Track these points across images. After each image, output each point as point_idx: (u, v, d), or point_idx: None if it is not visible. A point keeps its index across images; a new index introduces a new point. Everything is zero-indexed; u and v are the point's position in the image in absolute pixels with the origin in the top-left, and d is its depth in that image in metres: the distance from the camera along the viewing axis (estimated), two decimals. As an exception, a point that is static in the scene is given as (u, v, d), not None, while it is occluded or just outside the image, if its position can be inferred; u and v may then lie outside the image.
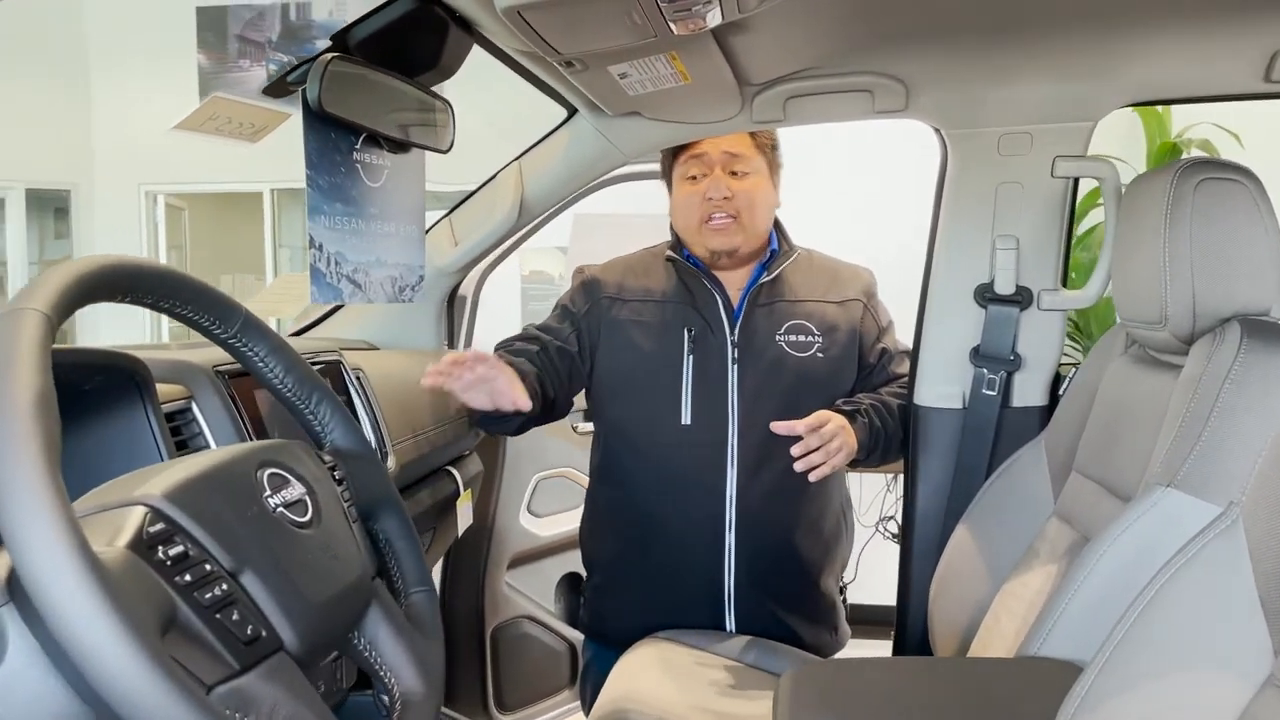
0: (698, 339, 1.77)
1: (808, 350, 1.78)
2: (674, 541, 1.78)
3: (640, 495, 1.81)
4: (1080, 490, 1.47)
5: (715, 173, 1.78)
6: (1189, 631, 0.88)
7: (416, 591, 0.94)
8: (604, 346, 1.83)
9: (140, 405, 0.98)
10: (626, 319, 1.82)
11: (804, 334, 1.79)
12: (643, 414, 1.79)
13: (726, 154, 1.78)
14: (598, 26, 1.17)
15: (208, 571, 0.68)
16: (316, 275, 1.16)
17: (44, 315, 0.66)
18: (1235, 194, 1.23)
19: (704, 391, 1.76)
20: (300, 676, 0.71)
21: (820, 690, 1.17)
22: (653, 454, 1.79)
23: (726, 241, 1.77)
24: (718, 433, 1.75)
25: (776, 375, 1.76)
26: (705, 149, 1.79)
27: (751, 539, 1.76)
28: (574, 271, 1.94)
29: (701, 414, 1.76)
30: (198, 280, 0.84)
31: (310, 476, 0.83)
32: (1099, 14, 1.52)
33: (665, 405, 1.77)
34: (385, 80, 1.22)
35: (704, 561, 1.77)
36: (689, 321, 1.78)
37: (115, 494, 0.70)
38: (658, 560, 1.80)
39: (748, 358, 1.77)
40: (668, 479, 1.78)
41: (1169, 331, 1.25)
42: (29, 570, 0.57)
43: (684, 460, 1.77)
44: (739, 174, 1.78)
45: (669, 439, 1.77)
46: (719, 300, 1.79)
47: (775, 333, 1.78)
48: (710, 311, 1.79)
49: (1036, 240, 1.75)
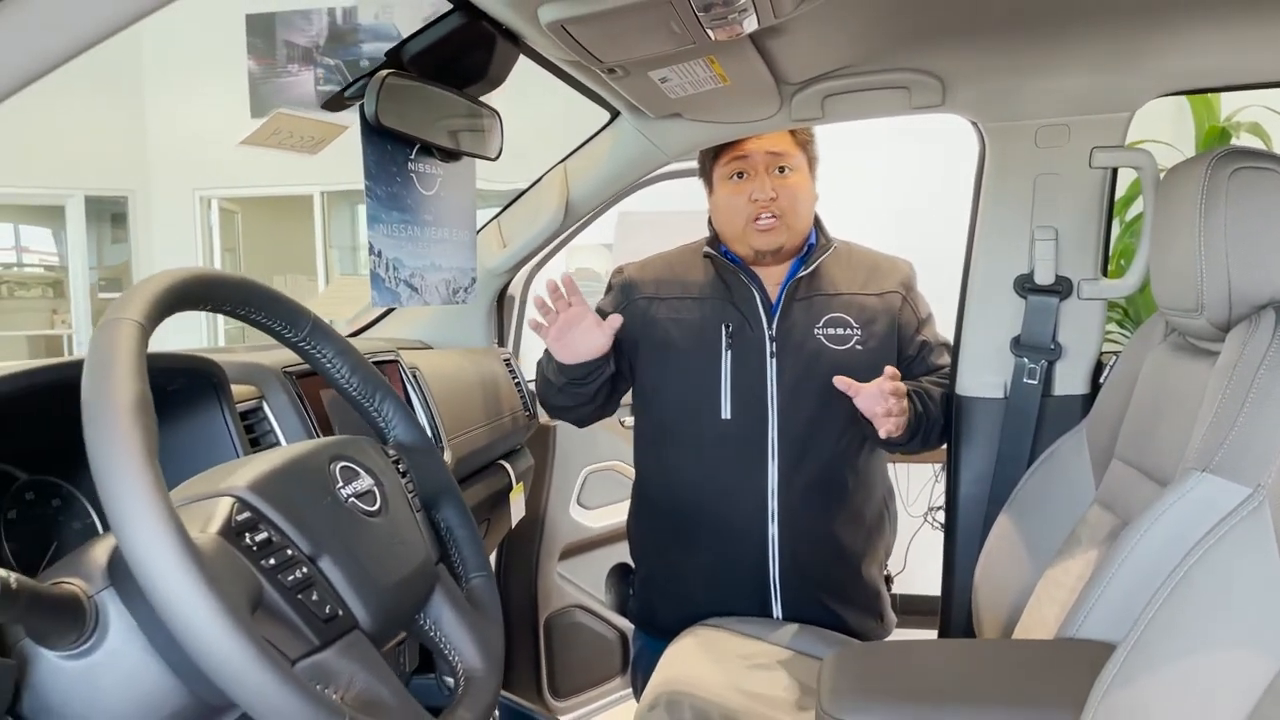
0: (735, 334, 1.80)
1: (846, 343, 1.81)
2: (719, 533, 1.82)
3: (684, 489, 1.85)
4: (1121, 477, 1.49)
5: (759, 173, 1.80)
6: (1217, 609, 0.91)
7: (476, 576, 1.00)
8: (644, 345, 1.86)
9: (218, 405, 1.05)
10: (665, 317, 1.85)
11: (842, 326, 1.81)
12: (684, 409, 1.83)
13: (770, 154, 1.80)
14: (638, 36, 1.22)
15: (289, 556, 0.74)
16: (376, 280, 1.22)
17: (139, 324, 0.72)
18: (1270, 182, 1.24)
19: (743, 386, 1.79)
20: (374, 652, 0.77)
21: (861, 671, 1.21)
22: (695, 448, 1.82)
23: (772, 241, 1.80)
24: (758, 426, 1.79)
25: (815, 368, 1.78)
26: (748, 149, 1.81)
27: (795, 529, 1.80)
28: (612, 273, 1.98)
29: (741, 408, 1.79)
30: (269, 288, 0.91)
31: (377, 469, 0.89)
32: (1133, 4, 1.53)
33: (705, 400, 1.80)
34: (437, 93, 1.28)
35: (749, 551, 1.81)
36: (727, 317, 1.81)
37: (204, 486, 0.77)
38: (704, 551, 1.84)
39: (786, 351, 1.79)
40: (710, 472, 1.81)
41: (1205, 319, 1.27)
42: (135, 555, 0.63)
43: (725, 453, 1.80)
44: (783, 171, 1.80)
45: (710, 433, 1.80)
46: (756, 295, 1.82)
47: (814, 326, 1.81)
48: (748, 306, 1.82)
49: (1075, 230, 1.77)
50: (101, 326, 0.72)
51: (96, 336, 0.71)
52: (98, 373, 0.68)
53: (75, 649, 0.73)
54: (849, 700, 1.13)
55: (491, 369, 1.98)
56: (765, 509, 1.80)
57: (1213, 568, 0.92)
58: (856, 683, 1.17)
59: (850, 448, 1.82)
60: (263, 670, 0.64)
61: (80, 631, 0.72)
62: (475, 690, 0.88)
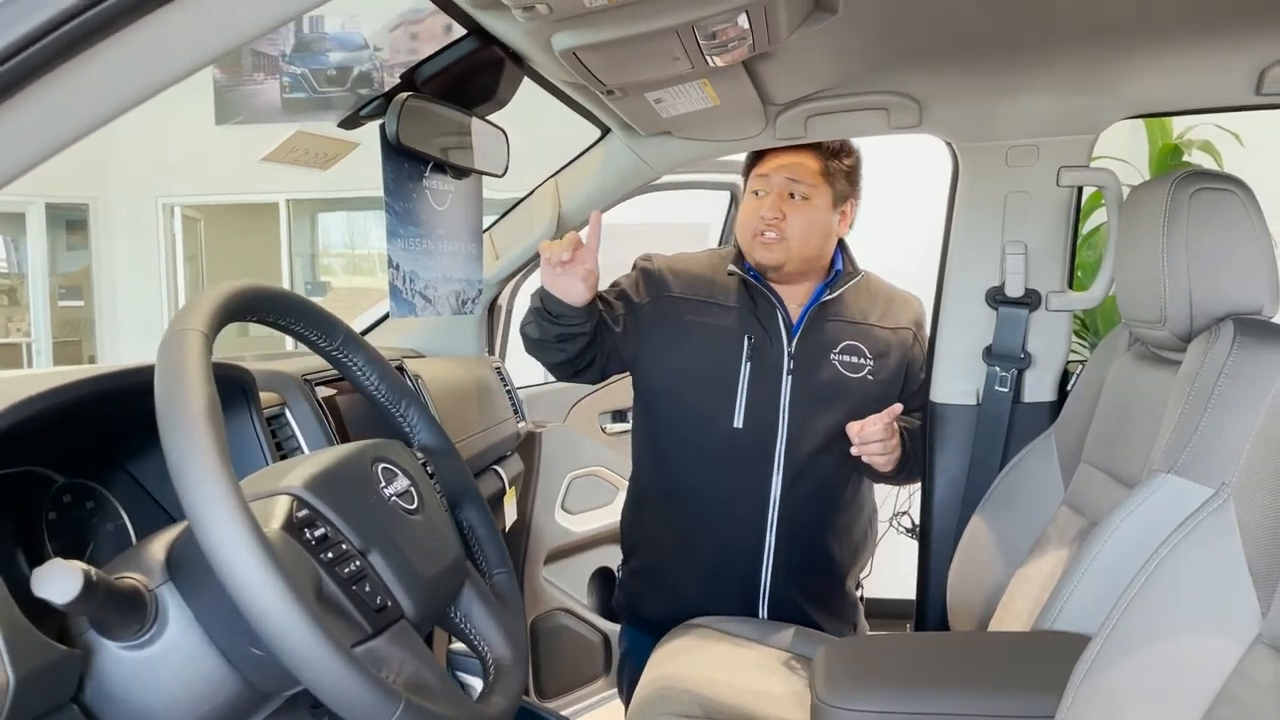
0: (756, 347, 1.85)
1: (859, 371, 1.87)
2: (717, 533, 1.88)
3: (687, 490, 1.90)
4: (1088, 479, 1.57)
5: (773, 193, 1.85)
6: (1186, 598, 0.99)
7: (499, 572, 1.05)
8: (661, 342, 1.88)
9: (248, 412, 1.10)
10: (689, 320, 1.88)
11: (857, 355, 1.88)
12: (696, 413, 1.87)
13: (787, 178, 1.85)
14: (642, 62, 1.29)
15: (343, 550, 0.80)
16: (395, 292, 1.28)
17: (203, 334, 0.77)
18: (1228, 202, 1.34)
19: (758, 398, 1.84)
20: (419, 640, 0.83)
21: (854, 660, 1.28)
22: (703, 452, 1.87)
23: (769, 257, 1.85)
24: (767, 438, 1.85)
25: (827, 391, 1.85)
26: (770, 169, 1.87)
27: (790, 538, 1.87)
28: (641, 257, 1.99)
29: (753, 419, 1.84)
30: (307, 301, 0.96)
31: (412, 470, 0.95)
32: (1099, 34, 1.63)
33: (720, 406, 1.85)
34: (450, 113, 1.34)
35: (743, 554, 1.88)
36: (750, 330, 1.86)
37: (262, 485, 0.82)
38: (699, 551, 1.90)
39: (802, 371, 1.85)
40: (715, 475, 1.87)
41: (1168, 330, 1.36)
42: (215, 550, 0.68)
43: (732, 459, 1.86)
44: (795, 197, 1.85)
45: (720, 440, 1.85)
46: (779, 313, 1.87)
47: (831, 351, 1.87)
48: (770, 323, 1.87)
49: (1044, 245, 1.86)
50: (168, 337, 0.77)
51: (165, 346, 0.76)
52: (170, 381, 0.73)
53: (137, 640, 0.78)
54: (843, 688, 1.20)
55: (484, 376, 2.03)
56: (765, 516, 1.86)
57: (1181, 560, 1.00)
58: (850, 672, 1.24)
59: (850, 468, 1.89)
60: (332, 654, 0.69)
61: (142, 623, 0.77)
62: (505, 678, 0.94)
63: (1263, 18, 1.54)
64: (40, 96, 0.69)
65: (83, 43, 0.67)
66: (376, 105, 1.26)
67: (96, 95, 0.71)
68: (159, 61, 0.72)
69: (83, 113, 0.72)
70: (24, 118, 0.70)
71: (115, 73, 0.71)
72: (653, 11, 1.13)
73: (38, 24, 0.65)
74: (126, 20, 0.68)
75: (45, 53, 0.65)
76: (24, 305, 8.94)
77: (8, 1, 0.64)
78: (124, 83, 0.71)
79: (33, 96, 0.69)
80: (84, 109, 0.72)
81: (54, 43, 0.65)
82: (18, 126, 0.70)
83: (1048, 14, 1.53)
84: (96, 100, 0.72)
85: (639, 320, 1.90)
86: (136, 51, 0.71)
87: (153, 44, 0.71)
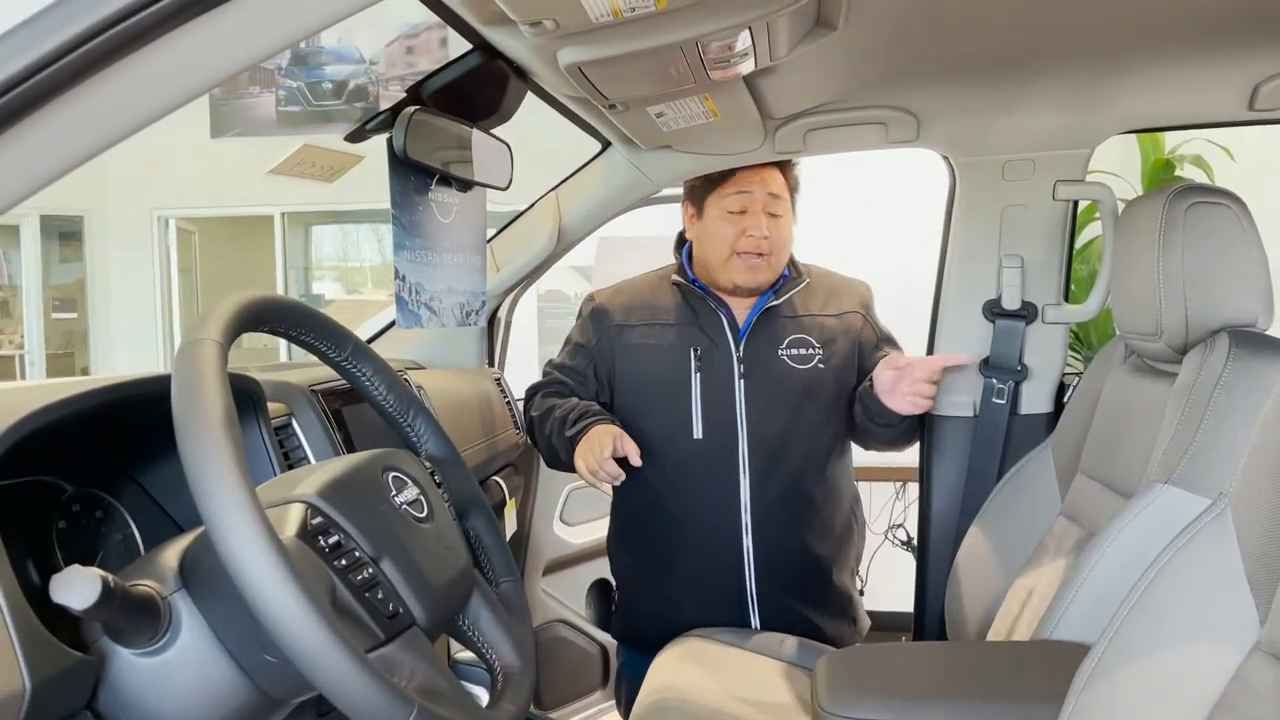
0: (704, 357, 1.87)
1: (808, 363, 1.89)
2: (696, 548, 1.89)
3: (661, 506, 1.91)
4: (1085, 490, 1.59)
5: (758, 211, 1.86)
6: (1186, 606, 1.00)
7: (505, 581, 1.06)
8: (619, 371, 1.93)
9: (256, 422, 1.11)
10: (636, 343, 1.92)
11: (805, 347, 1.89)
12: (657, 430, 1.89)
13: (770, 195, 1.86)
14: (646, 77, 1.31)
15: (356, 558, 0.81)
16: (401, 303, 1.29)
17: (219, 344, 0.78)
18: (1222, 217, 1.36)
19: (713, 406, 1.86)
20: (430, 647, 0.84)
21: (855, 669, 1.29)
22: (669, 467, 1.89)
23: (755, 279, 1.87)
24: (729, 444, 1.86)
25: (780, 387, 1.87)
26: (752, 185, 1.87)
27: (768, 540, 1.88)
28: (584, 300, 2.03)
29: (712, 427, 1.86)
30: (318, 312, 0.97)
31: (421, 479, 0.96)
32: (1095, 50, 1.65)
33: (678, 421, 1.87)
34: (455, 127, 1.36)
35: (726, 565, 1.88)
36: (695, 341, 1.88)
37: (276, 493, 0.83)
38: (683, 567, 1.91)
39: (753, 373, 1.87)
40: (685, 490, 1.88)
41: (1164, 342, 1.38)
42: (233, 556, 0.69)
43: (699, 471, 1.87)
44: (776, 215, 1.87)
45: (683, 452, 1.87)
46: (724, 319, 1.89)
47: (778, 348, 1.89)
48: (716, 330, 1.89)
49: (1040, 258, 1.88)
50: (185, 347, 0.78)
51: (181, 356, 0.77)
52: (188, 390, 0.74)
53: (150, 647, 0.78)
54: (845, 697, 1.21)
55: (485, 388, 2.04)
56: (739, 523, 1.87)
57: (1180, 569, 1.01)
58: (851, 680, 1.25)
59: (817, 461, 1.90)
60: (347, 660, 0.70)
61: (156, 630, 0.78)
62: (514, 685, 0.95)
63: (1256, 34, 1.57)
64: (59, 114, 0.70)
65: (102, 61, 0.68)
66: (383, 119, 1.27)
67: (112, 113, 0.73)
68: (172, 82, 0.73)
69: (98, 130, 0.73)
70: (42, 134, 0.71)
71: (129, 93, 0.72)
72: (657, 28, 1.15)
73: (62, 41, 0.66)
74: (141, 42, 0.69)
75: (68, 70, 0.67)
76: (17, 317, 8.93)
77: (31, 19, 0.66)
78: (138, 101, 0.73)
79: (51, 114, 0.70)
80: (98, 127, 0.73)
81: (75, 61, 0.67)
82: (36, 143, 0.71)
83: (1044, 31, 1.55)
84: (111, 118, 0.73)
85: (596, 360, 1.94)
86: (149, 73, 0.72)
87: (166, 65, 0.72)
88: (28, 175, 0.71)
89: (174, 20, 0.67)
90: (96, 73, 0.69)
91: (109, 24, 0.67)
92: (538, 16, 1.08)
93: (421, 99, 1.32)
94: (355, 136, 1.31)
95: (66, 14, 0.66)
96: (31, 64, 0.67)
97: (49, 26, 0.68)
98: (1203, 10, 1.46)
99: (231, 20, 0.71)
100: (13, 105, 0.67)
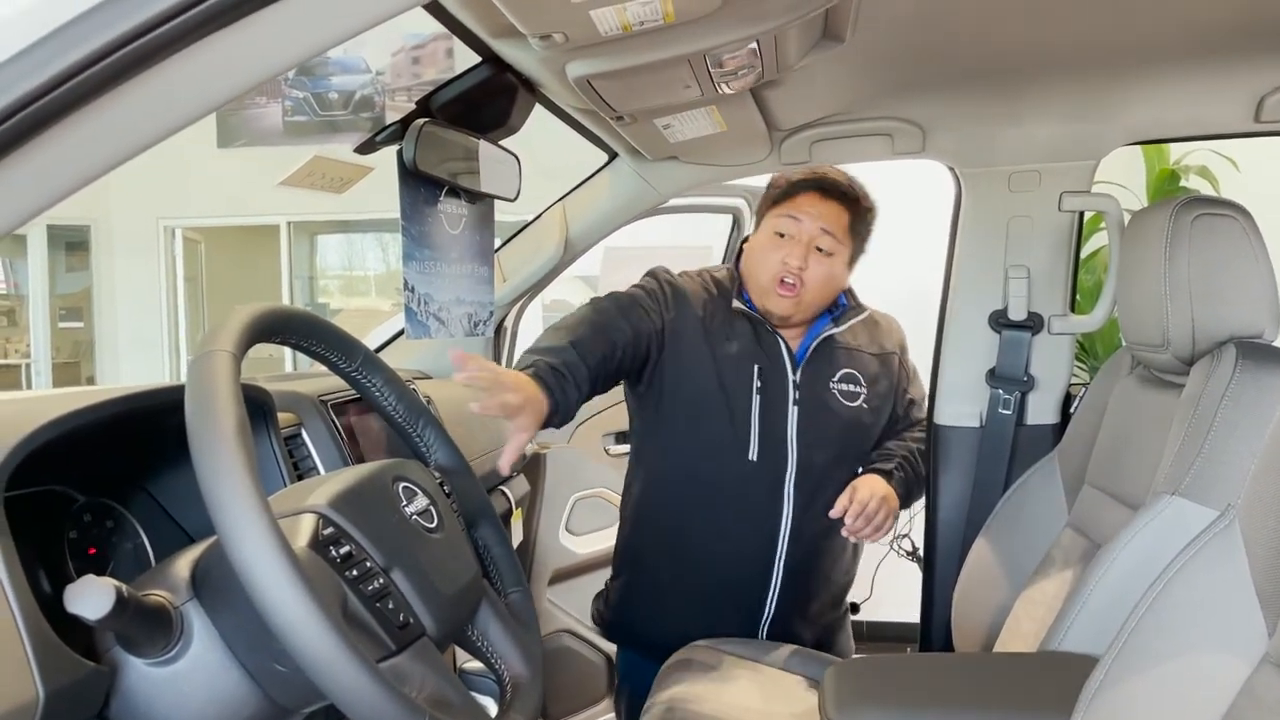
0: (765, 376, 1.82)
1: (855, 400, 1.87)
2: (724, 563, 1.86)
3: (695, 521, 1.86)
4: (1092, 501, 1.59)
5: (802, 241, 1.80)
6: (1193, 619, 1.00)
7: (514, 591, 1.07)
8: (681, 365, 1.83)
9: (266, 432, 1.11)
10: (705, 347, 1.82)
11: (854, 384, 1.88)
12: (711, 446, 1.83)
13: (821, 229, 1.79)
14: (654, 89, 1.32)
15: (367, 568, 0.81)
16: (410, 314, 1.30)
17: (232, 355, 0.79)
18: (1229, 228, 1.36)
19: (769, 430, 1.82)
20: (440, 658, 0.84)
21: (863, 680, 1.29)
22: (716, 486, 1.83)
23: (785, 307, 1.82)
24: (778, 471, 1.83)
25: (829, 421, 1.84)
26: (805, 213, 1.80)
27: (797, 569, 1.86)
28: (660, 270, 1.90)
29: (766, 452, 1.82)
30: (328, 323, 0.98)
31: (431, 489, 0.96)
32: (1100, 61, 1.66)
33: (735, 441, 1.82)
34: (464, 139, 1.37)
35: (749, 585, 1.87)
36: (758, 358, 1.83)
37: (287, 503, 0.83)
38: (703, 580, 1.88)
39: (806, 401, 1.83)
40: (727, 510, 1.84)
41: (1171, 354, 1.38)
42: (246, 566, 0.69)
43: (745, 492, 1.83)
44: (824, 252, 1.80)
45: (735, 472, 1.82)
46: (781, 343, 1.85)
47: (831, 379, 1.86)
48: (773, 351, 1.84)
49: (1046, 269, 1.88)
50: (198, 358, 0.78)
51: (195, 367, 0.77)
52: (202, 400, 0.74)
53: (162, 657, 0.79)
54: (853, 708, 1.21)
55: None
56: (775, 549, 1.84)
57: (1188, 582, 1.01)
58: (859, 691, 1.25)
59: None
60: (358, 669, 0.70)
61: (168, 640, 0.78)
62: (523, 695, 0.95)
63: (1261, 46, 1.57)
64: (79, 127, 0.71)
65: (121, 76, 0.69)
66: (393, 131, 1.28)
67: (129, 127, 0.73)
68: (190, 96, 0.74)
69: (115, 144, 0.74)
70: (60, 147, 0.71)
71: (147, 107, 0.73)
72: (666, 41, 1.16)
73: (84, 54, 0.67)
74: (161, 56, 0.70)
75: (89, 83, 0.67)
76: (23, 326, 8.96)
77: (57, 31, 0.67)
78: (157, 115, 0.73)
79: (71, 127, 0.71)
80: (116, 141, 0.74)
81: (97, 74, 0.67)
82: (53, 157, 0.72)
83: (1049, 43, 1.56)
84: (129, 132, 0.74)
85: (663, 329, 1.82)
86: (167, 87, 0.73)
87: (184, 80, 0.73)
88: (45, 189, 0.71)
89: (189, 37, 0.68)
90: (117, 86, 0.70)
91: (131, 37, 0.68)
92: (547, 30, 1.09)
93: (431, 111, 1.33)
94: (365, 148, 1.32)
95: (86, 29, 0.67)
96: (53, 77, 0.68)
97: (72, 39, 0.69)
98: (1208, 22, 1.47)
99: (247, 36, 0.72)
100: (33, 119, 0.67)
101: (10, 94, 0.68)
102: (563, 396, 1.60)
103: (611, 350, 1.74)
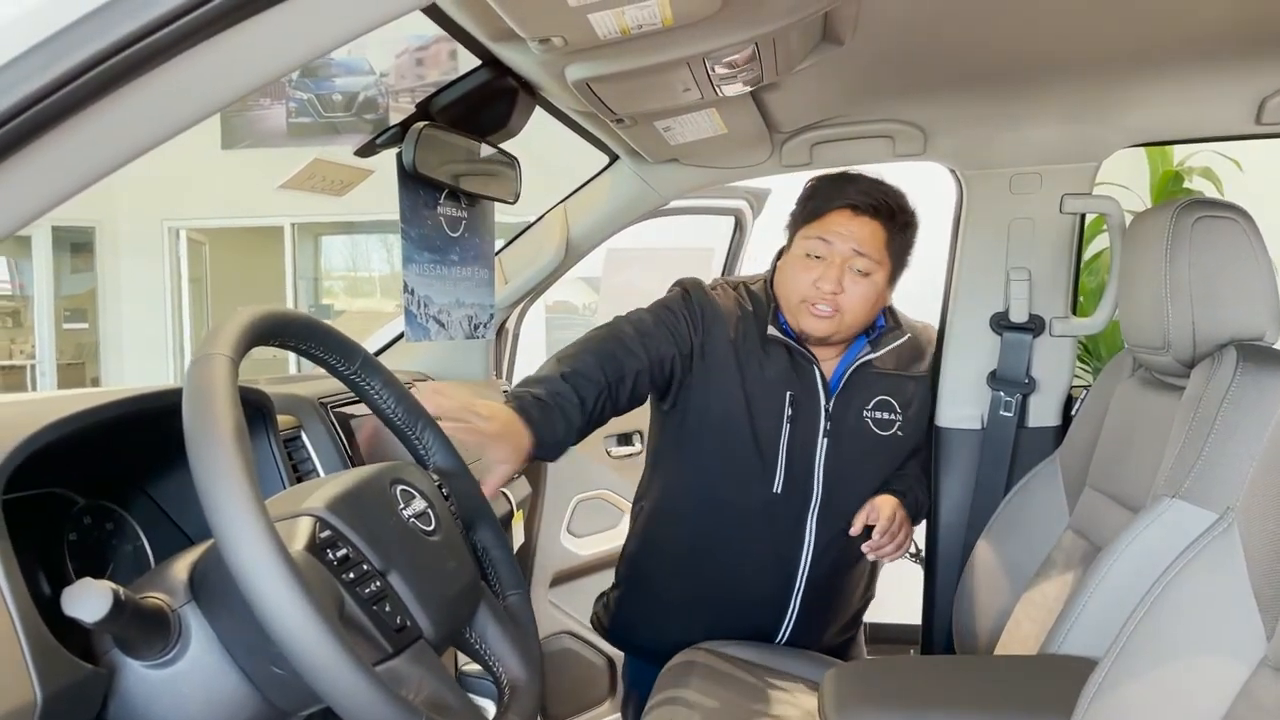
0: (797, 405, 1.76)
1: (889, 429, 1.82)
2: (738, 584, 1.82)
3: (712, 546, 1.82)
4: (1093, 504, 1.59)
5: (835, 263, 1.71)
6: (1192, 622, 1.00)
7: (512, 593, 1.07)
8: (708, 386, 1.76)
9: (265, 434, 1.12)
10: (735, 368, 1.75)
11: (888, 411, 1.82)
12: (736, 475, 1.77)
13: (854, 250, 1.71)
14: (654, 92, 1.32)
15: (365, 571, 0.81)
16: (410, 317, 1.30)
17: (229, 359, 0.79)
18: (1229, 230, 1.36)
19: (796, 462, 1.77)
20: (438, 660, 0.84)
21: (863, 682, 1.29)
22: (737, 515, 1.79)
23: (822, 329, 1.74)
24: (802, 504, 1.78)
25: (860, 451, 1.79)
26: (836, 233, 1.71)
27: (814, 595, 1.83)
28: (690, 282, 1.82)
29: (791, 484, 1.77)
30: (327, 326, 0.98)
31: (429, 492, 0.97)
32: (1102, 64, 1.66)
33: (760, 471, 1.76)
34: (464, 142, 1.37)
35: (765, 609, 1.84)
36: (791, 386, 1.76)
37: (285, 506, 0.83)
38: (718, 594, 1.84)
39: (838, 432, 1.78)
40: (746, 536, 1.80)
41: (1171, 356, 1.38)
42: (243, 569, 0.69)
43: (766, 523, 1.79)
44: (860, 272, 1.72)
45: (756, 503, 1.77)
46: (816, 371, 1.78)
47: (864, 408, 1.80)
48: (807, 379, 1.77)
49: (1047, 271, 1.88)
50: (196, 361, 0.78)
51: (193, 371, 0.77)
52: (199, 404, 0.74)
53: (160, 659, 0.79)
54: (852, 709, 1.21)
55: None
56: (794, 579, 1.81)
57: (1187, 584, 1.01)
58: (859, 693, 1.25)
59: None
60: (354, 673, 0.70)
61: (166, 643, 0.79)
62: (521, 698, 0.95)
63: (1263, 48, 1.57)
64: (82, 128, 0.71)
65: (125, 77, 0.69)
66: (393, 134, 1.29)
67: (134, 128, 0.73)
68: (196, 95, 0.74)
69: (119, 144, 0.74)
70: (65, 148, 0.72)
71: (152, 107, 0.73)
72: (665, 43, 1.16)
73: (89, 55, 0.67)
74: (165, 57, 0.70)
75: (93, 84, 0.68)
76: (28, 327, 8.98)
77: (62, 31, 0.67)
78: (160, 116, 0.74)
79: (75, 128, 0.71)
80: (120, 141, 0.74)
81: (101, 75, 0.68)
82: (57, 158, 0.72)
83: (1051, 45, 1.56)
84: (133, 132, 0.74)
85: (692, 349, 1.75)
86: (171, 88, 0.73)
87: (186, 81, 0.73)
88: (49, 190, 0.72)
89: (193, 38, 0.69)
90: (121, 87, 0.70)
91: (135, 38, 0.68)
92: (546, 34, 1.10)
93: (431, 114, 1.33)
94: (365, 151, 1.33)
95: (90, 30, 0.67)
96: (58, 78, 0.68)
97: (76, 40, 0.69)
98: (1210, 25, 1.47)
99: (250, 38, 0.72)
100: (37, 120, 0.68)
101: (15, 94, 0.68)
102: (548, 429, 1.54)
103: (619, 378, 1.67)
